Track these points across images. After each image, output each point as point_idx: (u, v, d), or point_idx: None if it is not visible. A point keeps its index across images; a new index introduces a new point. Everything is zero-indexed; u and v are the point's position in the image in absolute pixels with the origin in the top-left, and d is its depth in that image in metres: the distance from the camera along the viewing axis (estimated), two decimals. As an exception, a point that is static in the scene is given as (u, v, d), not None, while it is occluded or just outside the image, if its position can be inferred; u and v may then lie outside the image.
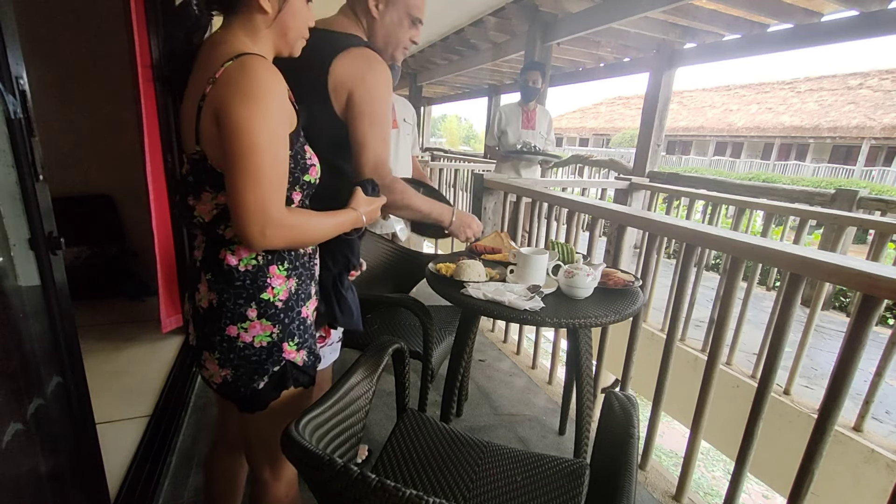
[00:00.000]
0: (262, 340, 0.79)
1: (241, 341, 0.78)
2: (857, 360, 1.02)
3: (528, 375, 2.26)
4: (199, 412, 1.77)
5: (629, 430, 0.78)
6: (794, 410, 2.26)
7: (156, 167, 1.94)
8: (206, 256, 0.79)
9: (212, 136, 0.70)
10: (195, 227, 0.81)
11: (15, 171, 0.77)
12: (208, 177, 0.74)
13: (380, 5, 1.06)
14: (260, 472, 0.91)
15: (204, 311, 0.79)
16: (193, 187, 0.76)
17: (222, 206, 0.75)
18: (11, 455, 0.73)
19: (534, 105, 3.22)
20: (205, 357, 0.80)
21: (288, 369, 0.82)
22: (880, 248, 2.25)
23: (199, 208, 0.77)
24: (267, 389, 0.81)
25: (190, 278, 0.84)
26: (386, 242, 1.93)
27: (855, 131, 15.24)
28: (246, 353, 0.78)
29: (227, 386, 0.80)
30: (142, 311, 2.55)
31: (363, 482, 0.53)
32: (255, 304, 0.78)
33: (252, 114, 0.67)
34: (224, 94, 0.67)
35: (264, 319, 0.78)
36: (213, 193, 0.75)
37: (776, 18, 3.42)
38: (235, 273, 0.76)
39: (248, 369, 0.79)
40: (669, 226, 1.57)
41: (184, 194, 0.79)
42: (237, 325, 0.77)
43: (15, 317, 0.76)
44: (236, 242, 0.76)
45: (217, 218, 0.76)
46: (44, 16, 2.48)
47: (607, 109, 26.60)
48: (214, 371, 0.80)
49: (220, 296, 0.77)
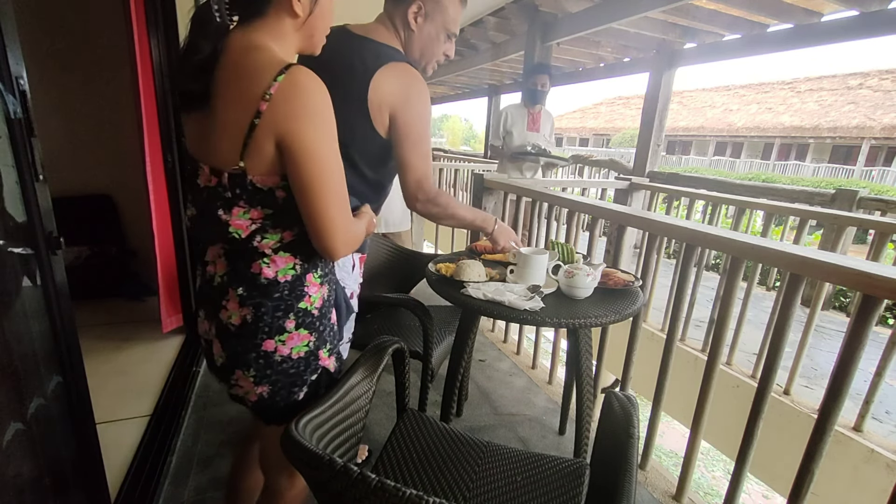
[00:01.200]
0: (299, 351, 0.78)
1: (278, 355, 0.76)
2: (857, 360, 1.02)
3: (528, 375, 2.26)
4: (199, 412, 1.77)
5: (629, 430, 0.78)
6: (794, 410, 2.26)
7: (156, 167, 1.94)
8: (232, 270, 0.76)
9: (265, 156, 0.68)
10: (220, 241, 0.76)
11: (15, 171, 0.77)
12: (244, 192, 0.71)
13: (419, 18, 1.08)
14: (276, 481, 0.90)
15: (236, 328, 0.76)
16: (227, 202, 0.72)
17: (259, 221, 0.72)
18: (11, 455, 0.73)
19: (539, 107, 3.23)
20: (237, 376, 0.78)
21: (322, 377, 0.82)
22: (880, 248, 2.25)
23: (235, 223, 0.72)
24: (305, 400, 0.81)
25: (207, 295, 0.80)
26: (386, 242, 1.93)
27: (855, 131, 15.24)
28: (283, 366, 0.77)
29: (264, 402, 0.79)
30: (142, 311, 2.55)
31: (363, 482, 0.53)
32: (293, 315, 0.76)
33: (319, 137, 0.68)
34: (286, 116, 0.66)
35: (302, 329, 0.78)
36: (247, 208, 0.72)
37: (776, 18, 3.42)
38: (275, 285, 0.75)
39: (287, 382, 0.78)
40: (669, 226, 1.57)
41: (211, 207, 0.73)
42: (275, 338, 0.76)
43: (15, 317, 0.76)
44: (271, 255, 0.74)
45: (254, 232, 0.73)
46: (44, 16, 2.48)
47: (607, 109, 26.60)
48: (249, 389, 0.78)
49: (257, 310, 0.74)
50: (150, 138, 1.89)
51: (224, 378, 0.81)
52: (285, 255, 0.75)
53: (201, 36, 0.68)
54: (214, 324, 0.79)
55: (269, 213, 0.73)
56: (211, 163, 0.72)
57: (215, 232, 0.75)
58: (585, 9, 3.89)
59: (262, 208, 0.72)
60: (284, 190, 0.72)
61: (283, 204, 0.72)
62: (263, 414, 0.83)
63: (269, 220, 0.73)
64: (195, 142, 0.76)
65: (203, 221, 0.76)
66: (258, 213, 0.72)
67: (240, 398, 0.81)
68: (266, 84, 0.65)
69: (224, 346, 0.78)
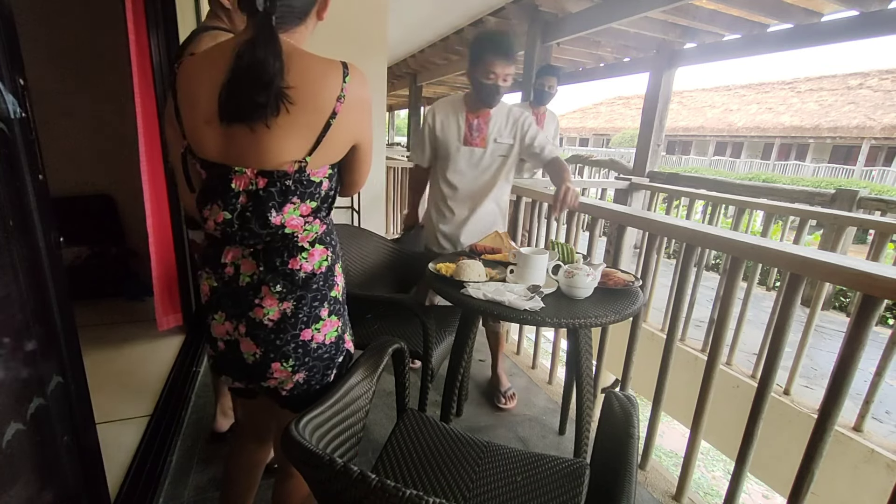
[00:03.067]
0: (331, 336, 0.84)
1: (314, 342, 0.81)
2: (857, 360, 1.02)
3: (528, 375, 2.26)
4: (199, 412, 1.77)
5: (629, 430, 0.78)
6: (794, 410, 2.26)
7: (154, 167, 1.93)
8: (268, 268, 0.77)
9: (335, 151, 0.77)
10: (254, 242, 0.76)
11: (15, 170, 0.77)
12: (298, 187, 0.74)
13: None
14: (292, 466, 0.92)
15: (275, 323, 0.78)
16: (277, 202, 0.73)
17: (307, 216, 0.77)
18: (11, 455, 0.73)
19: (544, 109, 3.18)
20: (272, 369, 0.80)
21: (347, 358, 0.89)
22: (880, 248, 2.25)
23: (290, 223, 0.75)
24: (335, 380, 0.87)
25: (236, 296, 0.79)
26: (386, 242, 1.93)
27: (855, 131, 15.23)
28: (319, 352, 0.82)
29: (300, 388, 0.83)
30: (142, 311, 2.54)
31: (363, 482, 0.53)
32: (326, 304, 0.82)
33: (372, 126, 0.81)
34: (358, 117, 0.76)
35: (333, 316, 0.84)
36: (298, 203, 0.75)
37: (776, 18, 3.42)
38: (315, 277, 0.79)
39: (322, 366, 0.84)
40: (669, 226, 1.57)
41: (255, 210, 0.73)
42: (311, 327, 0.80)
43: (15, 316, 0.76)
44: (308, 248, 0.79)
45: (301, 227, 0.77)
46: (44, 16, 2.48)
47: (607, 109, 26.59)
48: (286, 377, 0.81)
49: (298, 303, 0.78)
50: (148, 138, 1.88)
51: (257, 374, 0.81)
52: (320, 247, 0.81)
53: (271, 54, 0.68)
54: (244, 322, 0.79)
55: (315, 207, 0.77)
56: (262, 165, 0.72)
57: (258, 234, 0.75)
58: (585, 9, 3.89)
59: (310, 202, 0.76)
60: (329, 179, 0.78)
61: (324, 195, 0.78)
62: (295, 400, 0.85)
63: (313, 214, 0.78)
64: (230, 148, 0.73)
65: (245, 224, 0.75)
66: (307, 207, 0.76)
67: (273, 390, 0.83)
68: (337, 86, 0.71)
69: (259, 342, 0.79)
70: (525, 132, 1.73)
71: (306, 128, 0.71)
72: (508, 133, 1.74)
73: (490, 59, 1.59)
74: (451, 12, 4.79)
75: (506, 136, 1.74)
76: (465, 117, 1.72)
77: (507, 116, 1.74)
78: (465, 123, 1.72)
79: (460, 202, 1.78)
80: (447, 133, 1.72)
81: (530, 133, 1.74)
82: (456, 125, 1.72)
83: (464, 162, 1.74)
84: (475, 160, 1.74)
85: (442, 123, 1.73)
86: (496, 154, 1.74)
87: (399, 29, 5.30)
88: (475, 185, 1.77)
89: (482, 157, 1.73)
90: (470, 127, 1.72)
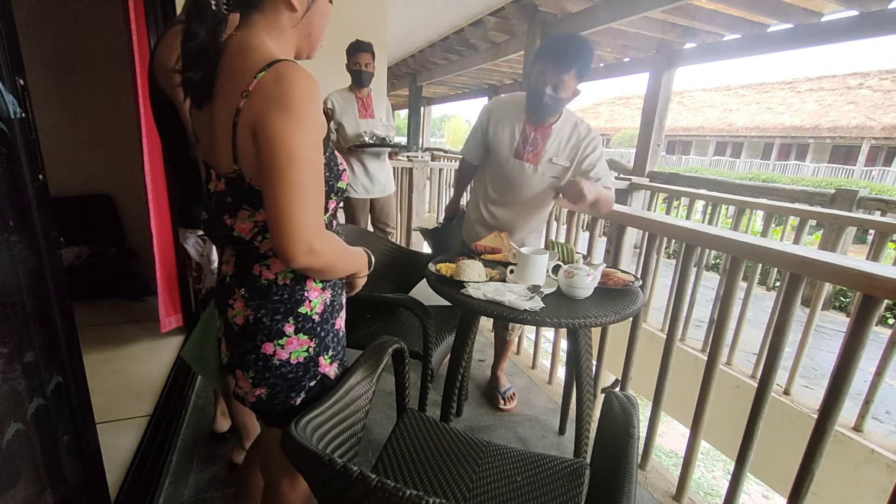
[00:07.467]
0: (298, 356, 0.77)
1: (276, 359, 0.76)
2: (857, 360, 1.02)
3: (528, 375, 2.26)
4: (199, 412, 1.77)
5: (629, 430, 0.78)
6: (794, 410, 2.26)
7: (155, 167, 1.93)
8: (238, 271, 0.77)
9: (250, 154, 0.67)
10: (229, 244, 0.77)
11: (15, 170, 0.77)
12: (246, 195, 0.71)
13: None
14: (278, 483, 0.90)
15: (238, 327, 0.76)
16: (230, 206, 0.73)
17: (262, 224, 0.73)
18: (11, 455, 0.73)
19: (366, 90, 2.64)
20: (237, 376, 0.79)
21: (324, 383, 0.82)
22: (880, 248, 2.26)
23: (239, 227, 0.73)
24: (303, 405, 0.80)
25: (220, 294, 0.81)
26: (386, 242, 1.93)
27: (855, 131, 15.23)
28: (282, 370, 0.77)
29: (262, 404, 0.79)
30: (142, 311, 2.54)
31: (363, 482, 0.53)
32: (292, 319, 0.76)
33: (291, 125, 0.63)
34: (261, 108, 0.63)
35: (301, 334, 0.77)
36: (251, 211, 0.72)
37: (776, 18, 3.42)
38: (274, 287, 0.74)
39: (285, 387, 0.78)
40: (669, 226, 1.57)
41: (217, 213, 0.75)
42: (273, 342, 0.75)
43: (15, 316, 0.76)
44: (271, 256, 0.74)
45: (256, 234, 0.74)
46: (44, 16, 2.48)
47: (607, 109, 26.58)
48: (248, 390, 0.79)
49: (257, 312, 0.74)
50: (149, 138, 1.88)
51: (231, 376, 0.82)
52: None
53: (197, 22, 0.67)
54: (222, 322, 0.80)
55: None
56: (215, 167, 0.74)
57: (223, 236, 0.76)
58: (585, 9, 3.89)
59: (264, 210, 0.71)
60: None
61: None
62: (263, 415, 0.83)
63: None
64: (205, 147, 0.76)
65: (213, 225, 0.77)
66: (262, 215, 0.72)
67: (241, 398, 0.82)
68: (247, 81, 0.64)
69: (228, 344, 0.79)
70: (585, 156, 1.53)
71: (224, 128, 0.67)
72: (567, 154, 1.54)
73: (543, 64, 1.40)
74: (451, 12, 4.80)
75: (563, 157, 1.54)
76: (523, 128, 1.54)
77: (571, 135, 1.54)
78: (520, 134, 1.55)
79: (501, 207, 1.66)
80: (499, 139, 1.57)
81: (590, 159, 1.53)
82: (510, 133, 1.56)
83: (511, 174, 1.58)
84: (524, 177, 1.57)
85: (496, 127, 1.58)
86: (547, 175, 1.56)
87: (399, 29, 5.30)
88: (518, 199, 1.63)
89: (532, 175, 1.57)
90: (525, 139, 1.54)
